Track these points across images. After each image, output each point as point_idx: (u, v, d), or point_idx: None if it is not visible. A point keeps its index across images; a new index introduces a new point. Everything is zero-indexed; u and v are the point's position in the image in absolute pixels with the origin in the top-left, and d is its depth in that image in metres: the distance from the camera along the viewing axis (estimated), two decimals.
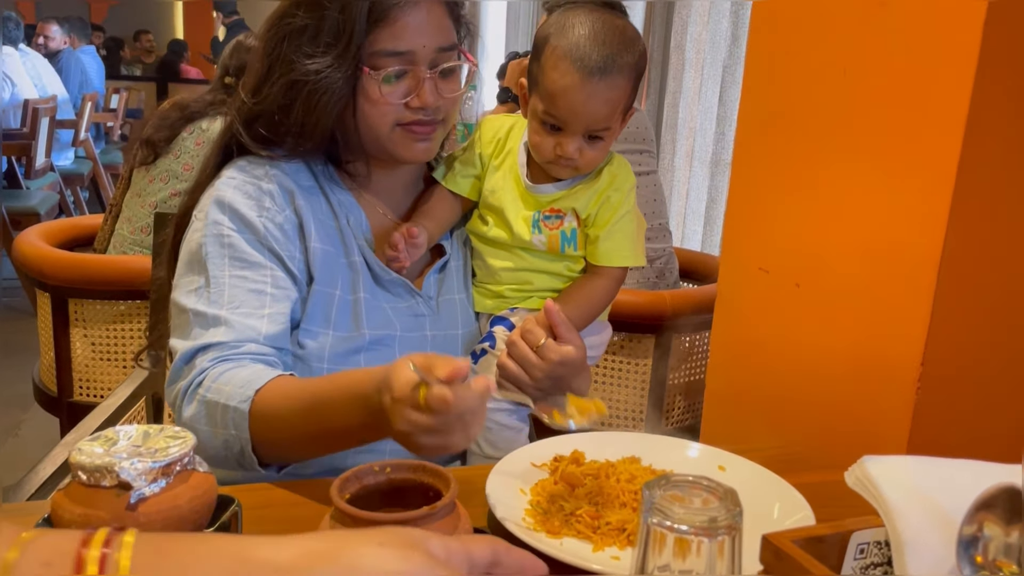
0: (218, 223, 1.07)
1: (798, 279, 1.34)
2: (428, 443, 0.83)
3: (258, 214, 1.07)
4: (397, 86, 1.07)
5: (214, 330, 1.01)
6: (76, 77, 6.36)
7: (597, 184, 1.16)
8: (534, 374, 1.10)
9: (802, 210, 1.33)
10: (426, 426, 0.81)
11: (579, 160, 1.13)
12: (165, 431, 0.74)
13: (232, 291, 1.03)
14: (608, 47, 1.10)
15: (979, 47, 1.07)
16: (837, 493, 0.86)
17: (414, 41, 1.06)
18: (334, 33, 1.05)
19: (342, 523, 0.67)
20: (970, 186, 1.12)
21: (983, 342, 1.21)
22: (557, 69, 1.10)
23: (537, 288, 1.18)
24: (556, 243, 1.15)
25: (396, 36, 1.05)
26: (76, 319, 2.15)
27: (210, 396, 0.98)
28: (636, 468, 0.98)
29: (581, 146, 1.12)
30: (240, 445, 0.97)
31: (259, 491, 0.96)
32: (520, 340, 1.11)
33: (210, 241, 1.06)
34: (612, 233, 1.15)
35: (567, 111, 1.10)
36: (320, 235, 1.11)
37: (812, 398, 1.32)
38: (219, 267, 1.05)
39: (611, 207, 1.15)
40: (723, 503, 0.58)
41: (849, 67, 1.24)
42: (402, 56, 1.06)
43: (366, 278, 1.14)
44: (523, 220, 1.16)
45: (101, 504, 0.67)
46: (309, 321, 1.09)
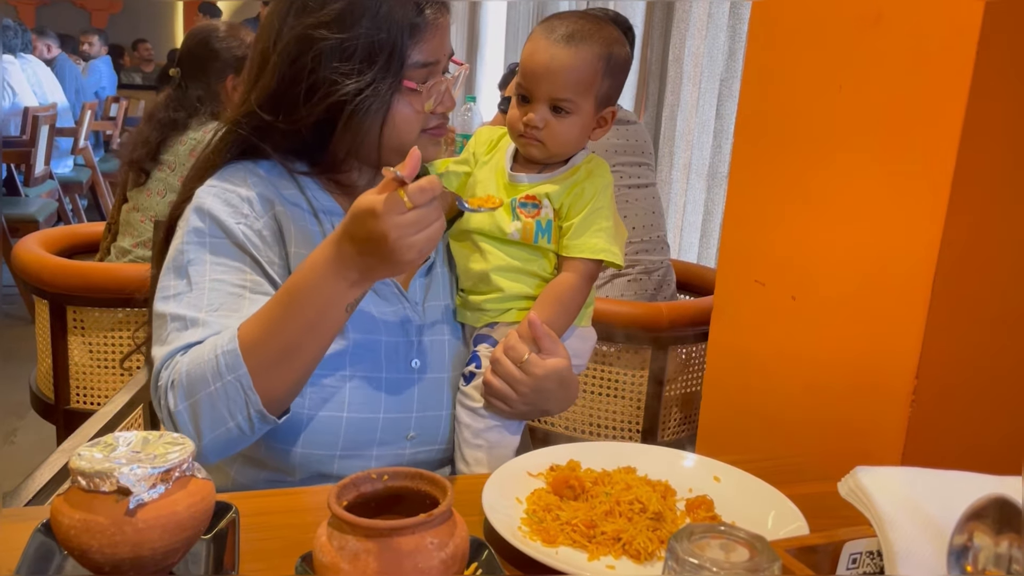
0: (199, 230, 1.08)
1: (794, 292, 1.35)
2: (420, 240, 0.92)
3: (236, 220, 1.08)
4: (428, 96, 1.11)
5: (192, 331, 1.02)
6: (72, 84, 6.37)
7: (573, 177, 1.18)
8: (520, 390, 1.11)
9: (798, 224, 1.34)
10: (415, 220, 0.91)
11: (544, 132, 1.15)
12: (164, 437, 0.74)
13: (211, 295, 1.04)
14: (578, 26, 1.15)
15: (973, 64, 1.08)
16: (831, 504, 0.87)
17: (441, 51, 1.11)
18: (372, 50, 1.07)
19: (339, 530, 0.67)
20: (964, 201, 1.13)
21: (977, 356, 1.22)
22: (530, 40, 1.16)
23: (510, 296, 1.18)
24: (531, 232, 1.16)
25: (428, 49, 1.09)
26: (74, 326, 2.15)
27: (190, 367, 0.97)
28: (632, 478, 0.99)
29: (546, 117, 1.14)
30: (241, 390, 0.96)
31: (256, 498, 0.96)
32: (503, 357, 1.11)
33: (190, 248, 1.07)
34: (584, 225, 1.16)
35: (531, 76, 1.15)
36: (300, 241, 1.11)
37: (807, 410, 1.33)
38: (199, 272, 1.06)
39: (584, 199, 1.16)
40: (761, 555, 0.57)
41: (845, 83, 1.25)
42: (434, 66, 1.11)
43: None
44: (503, 208, 1.17)
45: (100, 509, 0.68)
46: None
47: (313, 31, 1.07)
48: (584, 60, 1.14)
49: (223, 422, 0.97)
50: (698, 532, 0.58)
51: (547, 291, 1.16)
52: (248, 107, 1.12)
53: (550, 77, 1.13)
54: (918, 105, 1.16)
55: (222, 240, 1.08)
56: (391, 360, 1.13)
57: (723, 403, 1.53)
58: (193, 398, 0.97)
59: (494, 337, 1.17)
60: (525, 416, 1.17)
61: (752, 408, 1.45)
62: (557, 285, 1.17)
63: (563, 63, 1.13)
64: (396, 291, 1.16)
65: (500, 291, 1.17)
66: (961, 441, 1.22)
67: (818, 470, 1.04)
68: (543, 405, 1.15)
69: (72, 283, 2.11)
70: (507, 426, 1.16)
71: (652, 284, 2.26)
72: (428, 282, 1.20)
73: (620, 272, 2.21)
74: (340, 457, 1.10)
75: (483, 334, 1.19)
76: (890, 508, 0.66)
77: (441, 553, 0.67)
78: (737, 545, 0.58)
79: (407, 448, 1.14)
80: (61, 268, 2.15)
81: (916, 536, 0.65)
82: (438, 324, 1.19)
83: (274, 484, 1.11)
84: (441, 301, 1.21)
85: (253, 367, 0.95)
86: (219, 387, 0.96)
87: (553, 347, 1.11)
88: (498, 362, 1.11)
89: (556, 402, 1.17)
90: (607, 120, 1.20)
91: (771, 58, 1.39)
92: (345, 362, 1.10)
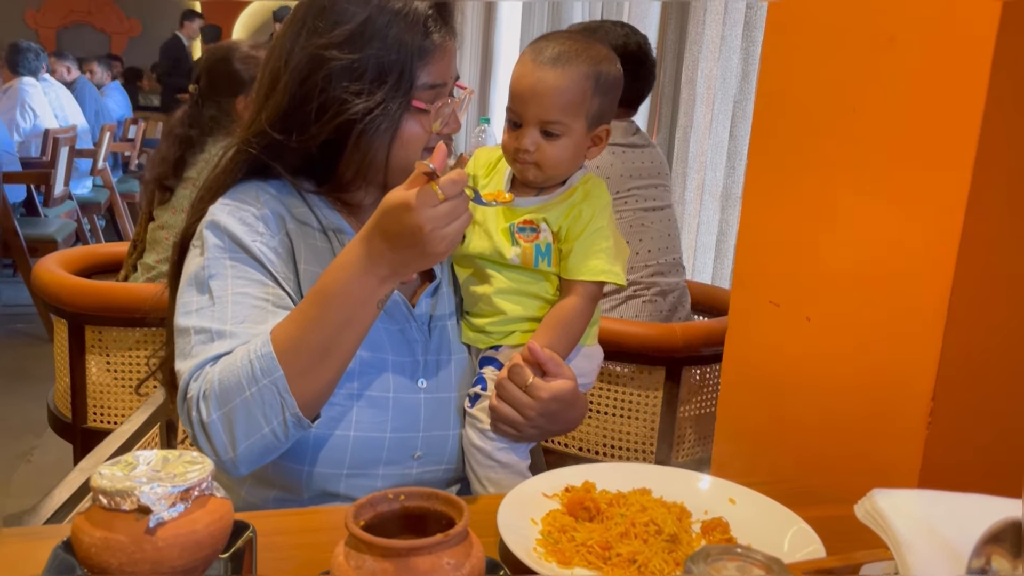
0: (218, 246, 1.09)
1: (808, 313, 1.35)
2: (452, 231, 0.96)
3: (252, 239, 1.09)
4: (427, 116, 1.12)
5: (219, 342, 1.02)
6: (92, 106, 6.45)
7: (571, 199, 1.18)
8: (527, 414, 1.11)
9: (812, 244, 1.34)
10: (448, 211, 0.94)
11: (536, 155, 1.14)
12: (184, 456, 0.75)
13: (235, 308, 1.05)
14: (567, 47, 1.15)
15: (987, 85, 1.08)
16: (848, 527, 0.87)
17: (447, 74, 1.13)
18: (382, 70, 1.08)
19: (356, 550, 0.68)
20: (980, 221, 1.13)
21: (994, 376, 1.21)
22: (517, 63, 1.17)
23: (512, 319, 1.18)
24: (530, 256, 1.16)
25: (441, 69, 1.12)
26: (92, 345, 2.17)
27: (223, 375, 0.98)
28: (647, 499, 0.99)
29: (537, 140, 1.14)
30: (277, 393, 0.96)
31: (274, 517, 0.97)
32: (508, 382, 1.11)
33: (212, 263, 1.08)
34: (584, 247, 1.15)
35: (520, 100, 1.15)
36: (310, 258, 1.13)
37: (823, 432, 1.33)
38: (221, 287, 1.06)
39: (582, 221, 1.16)
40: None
41: (858, 104, 1.25)
42: (442, 88, 1.13)
43: None
44: (501, 232, 1.17)
45: (120, 528, 0.68)
46: None
47: (324, 51, 1.09)
48: (571, 81, 1.13)
49: (258, 428, 0.98)
50: (714, 554, 0.58)
51: (550, 315, 1.16)
52: (258, 126, 1.13)
53: (537, 100, 1.13)
54: (932, 126, 1.16)
55: (241, 255, 1.09)
56: (398, 379, 1.14)
57: (738, 424, 1.52)
58: (227, 406, 0.97)
59: (499, 359, 1.17)
60: (534, 438, 1.17)
61: (767, 429, 1.44)
62: (559, 309, 1.17)
63: (549, 86, 1.13)
64: (404, 310, 1.17)
65: (503, 314, 1.18)
66: (980, 463, 1.21)
67: (834, 492, 1.04)
68: (551, 427, 1.15)
69: (90, 302, 2.13)
70: (516, 448, 1.15)
71: (667, 306, 2.26)
72: (434, 301, 1.21)
73: (635, 293, 2.21)
74: (347, 476, 1.10)
75: (488, 356, 1.19)
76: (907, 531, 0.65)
77: (457, 573, 0.67)
78: (754, 567, 0.58)
79: (414, 467, 1.14)
80: (80, 288, 2.17)
81: (933, 559, 0.64)
82: (445, 343, 1.20)
83: (282, 503, 1.12)
84: (448, 320, 1.21)
85: (289, 369, 0.96)
86: (255, 392, 0.96)
87: (558, 369, 1.11)
88: (503, 387, 1.12)
89: (564, 423, 1.17)
90: (601, 139, 1.20)
91: (784, 79, 1.40)
92: (353, 381, 1.10)
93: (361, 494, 1.10)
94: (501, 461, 1.14)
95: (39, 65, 5.36)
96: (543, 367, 1.11)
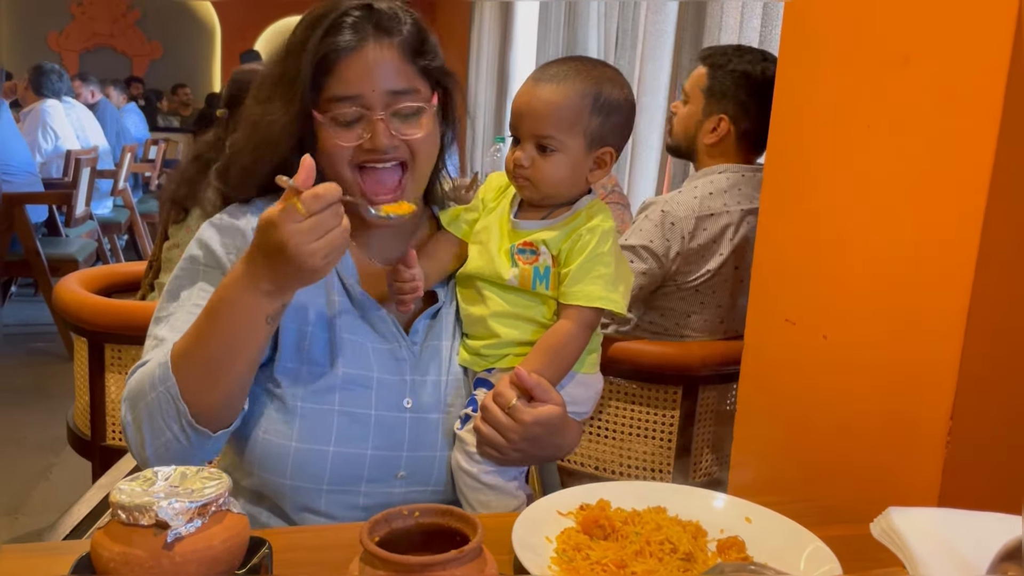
0: (194, 258, 1.15)
1: (825, 331, 1.35)
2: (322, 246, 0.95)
3: (226, 252, 1.13)
4: (350, 130, 1.11)
5: (156, 349, 1.08)
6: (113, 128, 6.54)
7: (573, 223, 1.17)
8: (509, 436, 1.10)
9: (829, 262, 1.34)
10: (312, 227, 0.94)
11: (530, 170, 1.15)
12: (201, 472, 0.76)
13: (187, 316, 1.08)
14: (567, 66, 1.16)
15: (1002, 105, 1.08)
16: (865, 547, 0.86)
17: (363, 86, 1.10)
18: (287, 81, 1.11)
19: (371, 565, 0.68)
20: (997, 238, 1.12)
21: (1013, 395, 1.20)
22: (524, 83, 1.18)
23: (507, 342, 1.17)
24: (528, 278, 1.15)
25: (345, 82, 1.10)
26: (112, 364, 2.19)
27: (133, 381, 1.05)
28: (662, 518, 0.98)
29: (532, 155, 1.14)
30: (172, 400, 1.00)
31: (290, 534, 0.97)
32: (492, 404, 1.11)
33: (183, 274, 1.14)
34: (582, 272, 1.14)
35: (515, 114, 1.16)
36: None
37: (840, 451, 1.32)
38: (186, 296, 1.12)
39: (582, 245, 1.15)
40: None
41: (874, 122, 1.26)
42: (351, 100, 1.10)
43: (347, 316, 1.16)
44: (503, 254, 1.17)
45: (139, 543, 0.69)
46: (283, 357, 1.12)
47: (266, 70, 1.16)
48: (565, 96, 1.14)
49: (161, 432, 1.02)
50: (728, 571, 0.58)
51: (543, 339, 1.16)
52: None
53: (531, 114, 1.14)
54: (948, 144, 1.16)
55: (212, 270, 1.13)
56: (382, 397, 1.14)
57: (755, 443, 1.52)
58: (136, 409, 1.03)
59: (491, 381, 1.17)
60: (519, 462, 1.16)
61: (784, 448, 1.44)
62: (552, 334, 1.16)
63: (543, 100, 1.14)
64: (394, 329, 1.17)
65: (497, 337, 1.17)
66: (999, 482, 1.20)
67: (852, 512, 1.03)
68: (535, 451, 1.14)
69: (110, 321, 2.16)
70: (503, 471, 1.15)
71: None
72: (431, 324, 1.21)
73: None
74: (327, 492, 1.11)
75: (482, 378, 1.19)
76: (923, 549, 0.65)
77: None
78: None
79: (397, 487, 1.14)
80: (99, 306, 2.19)
81: None
82: (436, 365, 1.20)
83: (274, 518, 1.14)
84: (444, 341, 1.21)
85: (181, 378, 1.00)
86: (154, 397, 1.02)
87: (545, 395, 1.11)
88: (486, 409, 1.11)
89: (552, 448, 1.16)
90: (605, 161, 1.18)
91: (799, 98, 1.40)
92: (334, 396, 1.11)
93: (342, 512, 1.12)
94: (488, 484, 1.14)
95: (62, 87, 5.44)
96: (530, 392, 1.10)
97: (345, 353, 1.13)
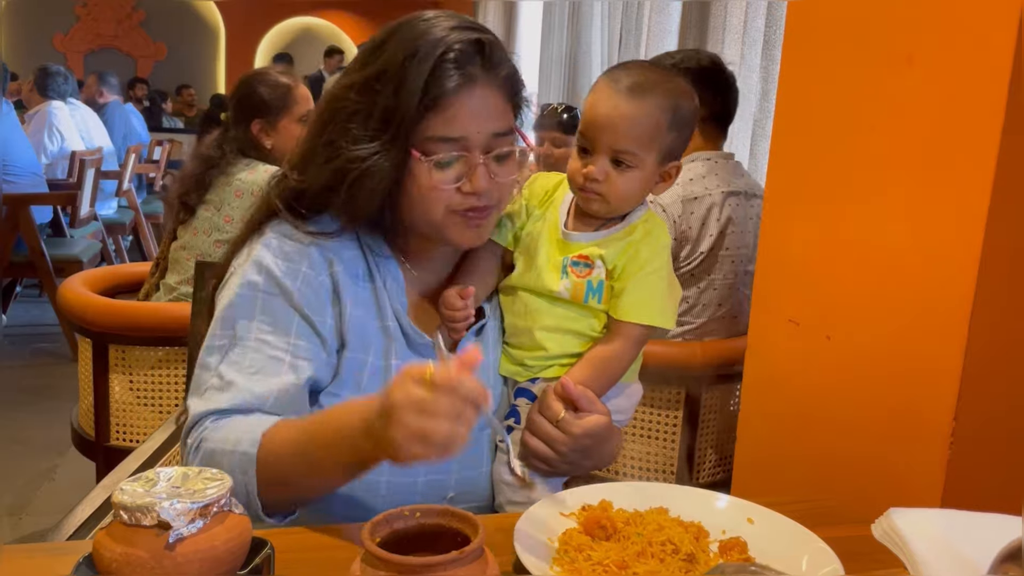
0: (253, 284, 1.08)
1: (829, 331, 1.35)
2: (416, 424, 0.84)
3: (293, 277, 1.08)
4: (450, 171, 1.06)
5: (226, 394, 1.03)
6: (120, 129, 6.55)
7: (630, 237, 1.14)
8: (559, 449, 1.09)
9: (832, 263, 1.34)
10: (421, 401, 0.83)
11: (604, 185, 1.11)
12: (203, 473, 0.76)
13: (253, 355, 1.04)
14: (646, 77, 1.11)
15: (1005, 105, 1.08)
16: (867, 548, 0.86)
17: (468, 127, 1.05)
18: (385, 118, 1.04)
19: (373, 566, 0.68)
20: (1000, 239, 1.12)
21: (1016, 396, 1.20)
22: (593, 90, 1.13)
23: (553, 355, 1.16)
24: (581, 292, 1.13)
25: (450, 122, 1.04)
26: (116, 364, 2.19)
27: (214, 446, 1.00)
28: (664, 519, 0.98)
29: (607, 169, 1.10)
30: (246, 489, 0.97)
31: (292, 534, 0.97)
32: (539, 417, 1.10)
33: (241, 301, 1.07)
34: (637, 287, 1.12)
35: (594, 127, 1.11)
36: (355, 300, 1.11)
37: (844, 452, 1.32)
38: (246, 328, 1.06)
39: (639, 261, 1.13)
40: None
41: (877, 122, 1.25)
42: (456, 142, 1.05)
43: (399, 344, 1.13)
44: (552, 266, 1.14)
45: (141, 543, 0.69)
46: (339, 386, 1.09)
47: (343, 91, 1.08)
48: (648, 112, 1.10)
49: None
50: (729, 572, 0.58)
51: (592, 352, 1.14)
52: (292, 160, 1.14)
53: (612, 129, 1.09)
54: (951, 145, 1.16)
55: (274, 297, 1.07)
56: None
57: (758, 444, 1.52)
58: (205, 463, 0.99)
59: (533, 391, 1.15)
60: (567, 473, 1.15)
61: (788, 449, 1.44)
62: (602, 348, 1.14)
63: (625, 114, 1.09)
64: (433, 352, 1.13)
65: (543, 349, 1.16)
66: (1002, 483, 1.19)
67: (855, 513, 1.03)
68: (583, 462, 1.13)
69: (114, 322, 2.16)
70: (547, 483, 1.14)
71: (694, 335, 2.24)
72: (479, 341, 1.18)
73: None
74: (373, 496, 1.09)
75: (523, 387, 1.17)
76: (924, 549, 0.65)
77: None
78: None
79: None
80: (104, 307, 2.20)
81: None
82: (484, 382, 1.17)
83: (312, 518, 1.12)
84: (489, 357, 1.19)
85: (262, 478, 0.97)
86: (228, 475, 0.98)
87: (590, 405, 1.10)
88: (534, 423, 1.10)
89: (598, 458, 1.15)
90: (671, 175, 1.16)
91: (803, 98, 1.40)
92: None
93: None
94: (531, 496, 1.11)
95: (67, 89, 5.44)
96: (575, 403, 1.09)
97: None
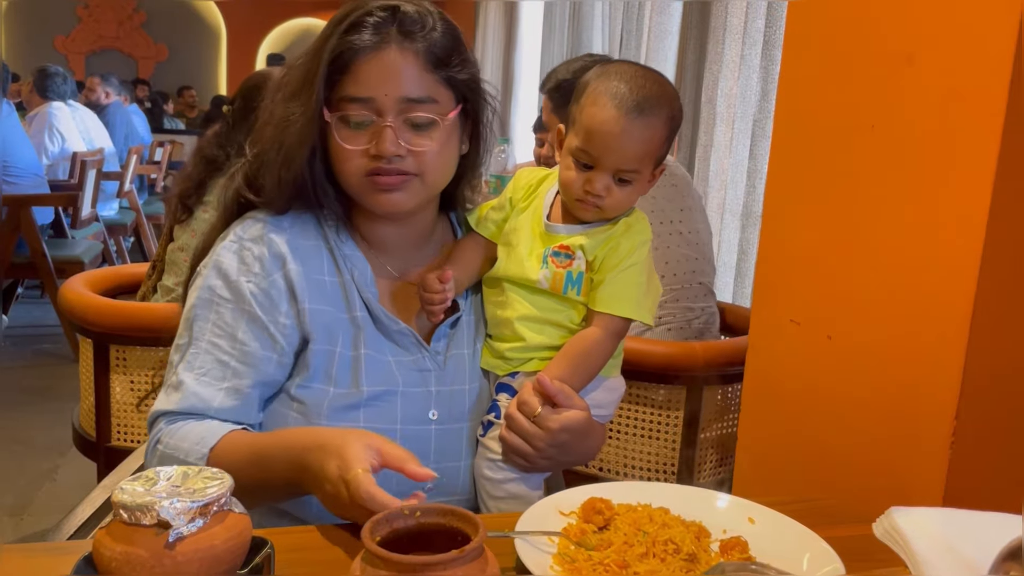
0: (211, 287, 1.12)
1: (829, 331, 1.34)
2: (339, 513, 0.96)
3: (246, 279, 1.11)
4: (361, 135, 1.08)
5: (176, 395, 1.08)
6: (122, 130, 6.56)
7: (611, 231, 1.16)
8: (536, 444, 1.09)
9: (833, 262, 1.34)
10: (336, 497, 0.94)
11: (606, 200, 1.13)
12: (203, 472, 0.76)
13: (204, 357, 1.09)
14: (647, 90, 1.11)
15: (1006, 103, 1.08)
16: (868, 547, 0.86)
17: (376, 89, 1.07)
18: (303, 81, 1.09)
19: (373, 565, 0.68)
20: (1000, 238, 1.12)
21: (1018, 394, 1.20)
22: (596, 104, 1.11)
23: (533, 346, 1.16)
24: (560, 282, 1.14)
25: (359, 83, 1.07)
26: (116, 365, 2.19)
27: (168, 452, 1.05)
28: (668, 518, 0.98)
29: (610, 185, 1.12)
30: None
31: (292, 534, 0.97)
32: (517, 413, 1.10)
33: (200, 303, 1.12)
34: (616, 280, 1.13)
35: (601, 146, 1.11)
36: (315, 296, 1.12)
37: (845, 452, 1.32)
38: (202, 330, 1.10)
39: (619, 254, 1.14)
40: None
41: (877, 122, 1.25)
42: (363, 102, 1.07)
43: (370, 332, 1.14)
44: (534, 257, 1.16)
45: (141, 542, 0.69)
46: (310, 379, 1.10)
47: (287, 68, 1.14)
48: (654, 130, 1.12)
49: None
50: (729, 571, 0.58)
51: (569, 344, 1.15)
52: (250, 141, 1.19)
53: (620, 150, 1.11)
54: (951, 144, 1.15)
55: (228, 302, 1.11)
56: (407, 411, 1.13)
57: (759, 444, 1.51)
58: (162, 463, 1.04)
59: (513, 387, 1.16)
60: (546, 469, 1.15)
61: (789, 449, 1.43)
62: (580, 339, 1.15)
63: (636, 136, 1.10)
64: (415, 341, 1.16)
65: (522, 340, 1.16)
66: (1003, 482, 1.19)
67: (856, 512, 1.03)
68: (562, 457, 1.13)
69: (115, 322, 2.16)
70: (527, 479, 1.14)
71: (695, 333, 2.25)
72: (453, 333, 1.20)
73: (660, 321, 2.20)
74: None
75: (504, 383, 1.18)
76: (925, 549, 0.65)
77: None
78: None
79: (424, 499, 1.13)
80: (105, 308, 2.20)
81: None
82: (459, 374, 1.18)
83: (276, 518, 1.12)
84: (465, 350, 1.20)
85: None
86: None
87: (568, 401, 1.10)
88: (511, 418, 1.11)
89: (578, 453, 1.16)
90: (656, 176, 1.18)
91: (803, 98, 1.40)
92: (359, 414, 1.10)
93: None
94: (511, 492, 1.13)
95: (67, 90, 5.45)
96: (553, 399, 1.09)
97: (369, 371, 1.11)
